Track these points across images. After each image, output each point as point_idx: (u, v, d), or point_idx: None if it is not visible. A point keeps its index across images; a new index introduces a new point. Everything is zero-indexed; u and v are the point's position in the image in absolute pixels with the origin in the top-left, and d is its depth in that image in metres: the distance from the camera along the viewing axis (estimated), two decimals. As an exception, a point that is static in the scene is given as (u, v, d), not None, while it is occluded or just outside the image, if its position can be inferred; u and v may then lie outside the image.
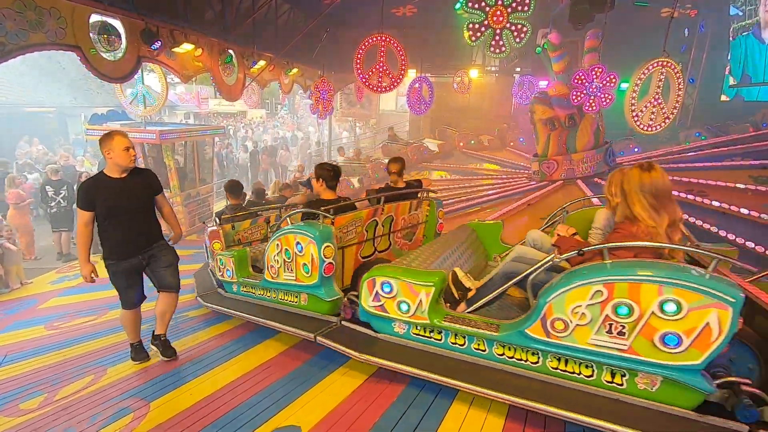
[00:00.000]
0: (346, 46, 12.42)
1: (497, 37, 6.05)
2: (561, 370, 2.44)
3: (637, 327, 2.15)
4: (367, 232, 4.01)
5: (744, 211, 6.82)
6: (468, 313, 2.82)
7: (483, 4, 5.88)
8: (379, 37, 7.65)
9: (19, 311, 5.51)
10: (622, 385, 2.30)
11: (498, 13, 5.92)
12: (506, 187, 11.07)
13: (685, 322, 2.06)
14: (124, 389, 3.19)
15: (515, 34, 5.98)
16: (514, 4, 5.88)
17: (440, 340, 2.83)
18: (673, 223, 2.35)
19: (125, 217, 3.16)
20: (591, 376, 2.36)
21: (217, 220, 5.15)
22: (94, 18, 5.76)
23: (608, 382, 2.33)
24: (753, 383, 2.18)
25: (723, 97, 13.38)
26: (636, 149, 12.74)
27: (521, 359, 2.55)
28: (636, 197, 2.36)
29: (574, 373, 2.40)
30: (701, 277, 2.05)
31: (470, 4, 5.90)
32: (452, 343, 2.78)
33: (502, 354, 2.59)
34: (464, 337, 2.72)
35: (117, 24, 6.12)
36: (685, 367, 2.11)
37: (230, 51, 8.70)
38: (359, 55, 7.72)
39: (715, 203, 7.37)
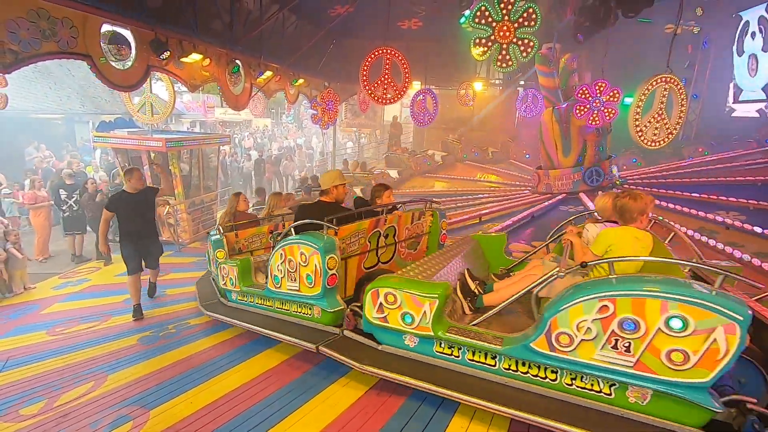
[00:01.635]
0: (351, 58, 12.56)
1: (504, 52, 6.10)
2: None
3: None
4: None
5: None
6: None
7: (489, 19, 5.94)
8: (384, 50, 7.74)
9: (21, 316, 5.52)
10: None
11: (505, 28, 5.97)
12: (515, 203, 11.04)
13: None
14: (125, 396, 3.19)
15: (522, 48, 6.03)
16: (520, 20, 5.93)
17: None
18: None
19: (133, 218, 5.02)
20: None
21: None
22: (105, 28, 5.86)
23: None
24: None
25: (726, 113, 13.45)
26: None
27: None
28: None
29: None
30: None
31: (477, 20, 5.96)
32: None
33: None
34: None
35: (127, 34, 6.21)
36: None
37: (237, 61, 8.80)
38: (365, 67, 7.80)
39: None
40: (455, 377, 2.71)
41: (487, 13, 5.95)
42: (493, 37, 6.03)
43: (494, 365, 2.62)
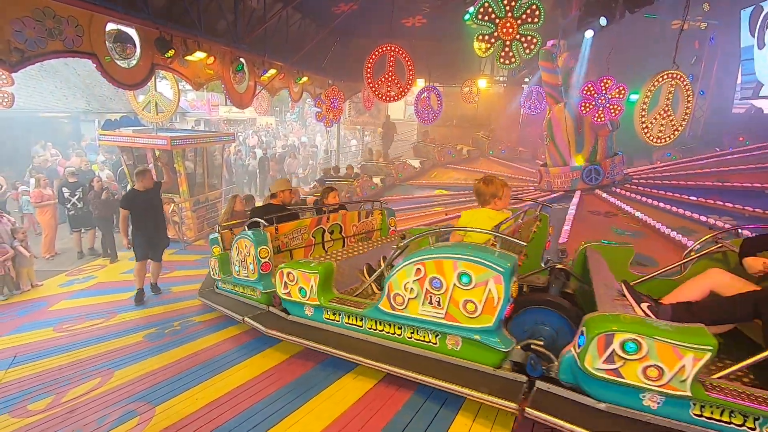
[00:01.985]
0: (355, 56, 12.55)
1: (507, 49, 6.08)
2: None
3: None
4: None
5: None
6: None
7: (493, 15, 5.92)
8: (388, 47, 7.73)
9: (29, 313, 5.58)
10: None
11: (508, 24, 5.95)
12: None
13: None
14: (131, 392, 3.22)
15: (525, 45, 6.01)
16: (524, 16, 5.91)
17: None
18: None
19: (145, 214, 5.56)
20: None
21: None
22: (110, 26, 5.89)
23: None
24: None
25: (734, 109, 13.29)
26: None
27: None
28: None
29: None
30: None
31: (480, 16, 5.94)
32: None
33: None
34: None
35: (132, 32, 6.24)
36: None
37: (241, 59, 8.82)
38: (369, 65, 7.80)
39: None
40: (337, 338, 3.30)
41: (490, 10, 5.93)
42: (496, 34, 6.01)
43: (362, 326, 3.18)
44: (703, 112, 13.98)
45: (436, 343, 2.80)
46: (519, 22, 5.95)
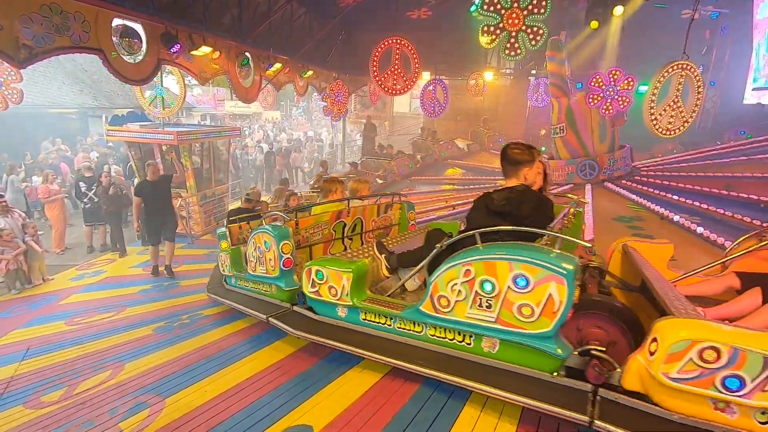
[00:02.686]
0: (360, 49, 12.50)
1: (512, 40, 6.01)
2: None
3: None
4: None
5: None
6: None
7: (498, 6, 5.85)
8: (393, 40, 7.68)
9: (40, 307, 5.67)
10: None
11: (514, 15, 5.88)
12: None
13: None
14: (142, 384, 3.27)
15: (531, 36, 5.94)
16: (530, 7, 5.84)
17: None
18: None
19: (153, 202, 6.44)
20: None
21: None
22: (116, 22, 5.91)
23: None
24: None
25: (745, 100, 13.06)
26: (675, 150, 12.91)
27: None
28: None
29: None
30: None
31: (485, 7, 5.88)
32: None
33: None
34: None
35: (138, 28, 6.26)
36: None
37: (247, 54, 8.82)
38: (375, 58, 7.76)
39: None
40: (239, 296, 4.40)
41: (496, 0, 5.86)
42: (501, 25, 5.95)
43: (248, 286, 4.33)
44: (714, 104, 13.77)
45: (271, 291, 3.94)
46: (525, 13, 5.88)
